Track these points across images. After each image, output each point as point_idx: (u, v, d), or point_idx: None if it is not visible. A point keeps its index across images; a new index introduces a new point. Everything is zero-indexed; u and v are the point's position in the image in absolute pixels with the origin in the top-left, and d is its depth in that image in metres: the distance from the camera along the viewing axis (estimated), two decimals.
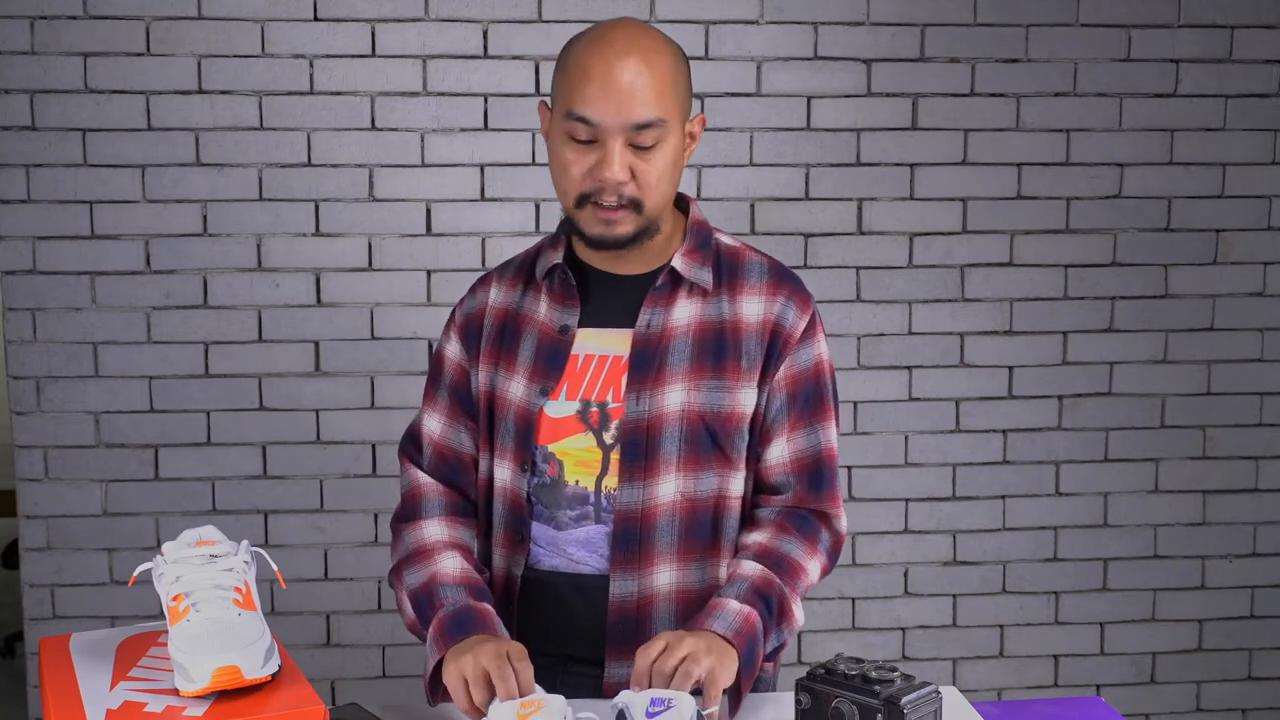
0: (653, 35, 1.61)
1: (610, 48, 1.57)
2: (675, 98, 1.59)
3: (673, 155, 1.61)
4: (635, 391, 1.64)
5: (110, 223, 2.91)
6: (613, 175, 1.56)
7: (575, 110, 1.57)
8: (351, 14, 2.91)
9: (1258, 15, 3.09)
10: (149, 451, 2.97)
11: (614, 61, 1.56)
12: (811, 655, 3.13)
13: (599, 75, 1.56)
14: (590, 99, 1.56)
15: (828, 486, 1.71)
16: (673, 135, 1.60)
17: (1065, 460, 3.18)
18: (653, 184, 1.59)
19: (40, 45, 2.85)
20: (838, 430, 1.73)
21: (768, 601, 1.59)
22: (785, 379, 1.68)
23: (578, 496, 1.66)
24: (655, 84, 1.56)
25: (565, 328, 1.67)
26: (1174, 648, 3.26)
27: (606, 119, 1.55)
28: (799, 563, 1.66)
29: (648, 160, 1.58)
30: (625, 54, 1.56)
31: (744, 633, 1.54)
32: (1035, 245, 3.11)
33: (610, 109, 1.55)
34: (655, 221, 1.64)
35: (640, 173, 1.58)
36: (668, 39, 1.63)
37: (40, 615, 2.98)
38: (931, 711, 1.40)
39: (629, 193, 1.58)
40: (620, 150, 1.56)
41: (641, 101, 1.55)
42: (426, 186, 2.96)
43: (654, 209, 1.62)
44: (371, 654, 3.06)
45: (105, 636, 1.47)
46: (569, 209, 1.63)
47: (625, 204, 1.59)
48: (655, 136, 1.57)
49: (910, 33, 3.02)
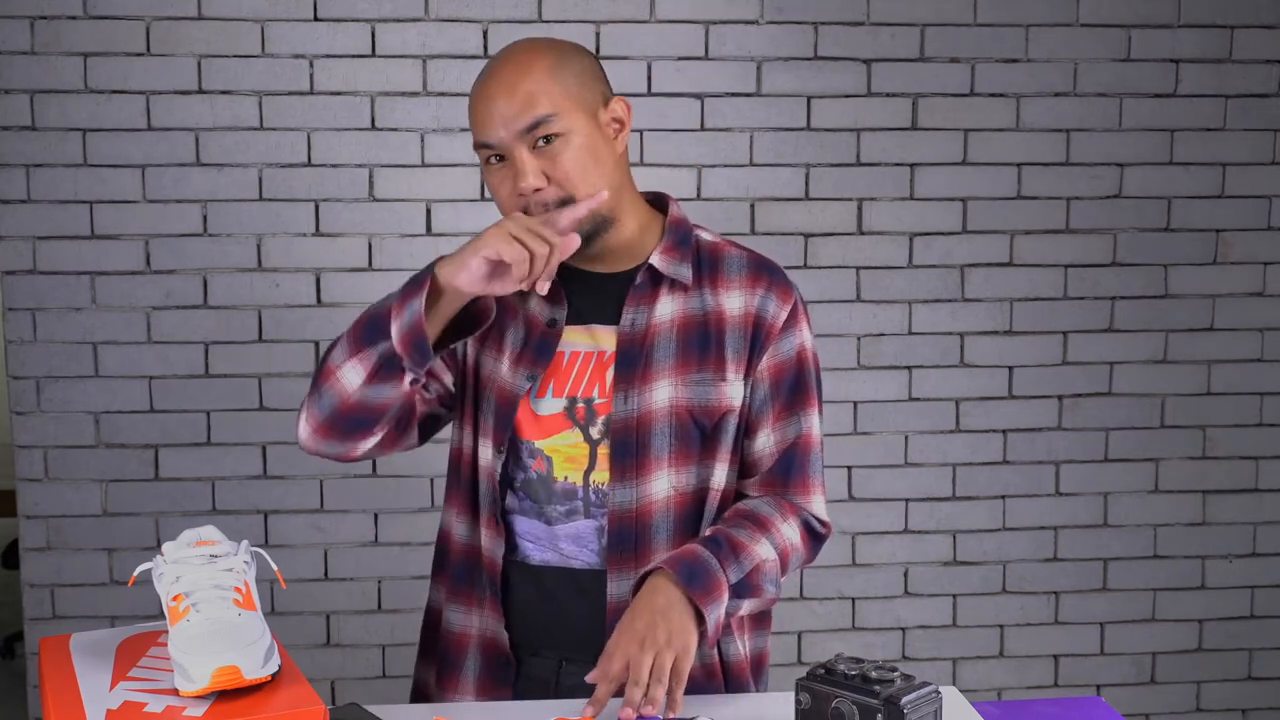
0: (531, 46, 1.63)
1: (486, 72, 1.62)
2: (563, 89, 1.60)
3: (585, 145, 1.60)
4: (623, 390, 1.64)
5: (110, 223, 2.91)
6: (526, 184, 1.59)
7: (476, 139, 1.62)
8: (351, 14, 2.91)
9: (1258, 15, 3.09)
10: (149, 451, 2.97)
11: (488, 81, 1.61)
12: (811, 655, 3.13)
13: (480, 99, 1.61)
14: (479, 123, 1.60)
15: (797, 472, 1.70)
16: (575, 126, 1.60)
17: (1065, 460, 3.18)
18: (574, 176, 1.59)
19: (40, 45, 2.85)
20: (820, 418, 1.73)
21: (711, 540, 1.60)
22: (768, 369, 1.69)
23: (567, 492, 1.66)
24: (532, 85, 1.58)
25: (554, 321, 1.68)
26: (1174, 648, 3.26)
27: (496, 135, 1.59)
28: (761, 515, 1.66)
29: (555, 157, 1.59)
30: (496, 71, 1.61)
31: (677, 558, 1.56)
32: (1035, 245, 3.11)
33: (495, 123, 1.58)
34: (603, 215, 1.63)
35: (553, 171, 1.59)
36: (553, 42, 1.65)
37: (40, 615, 2.98)
38: (931, 711, 1.40)
39: (552, 195, 1.59)
40: (526, 158, 1.58)
41: (520, 105, 1.57)
42: (426, 186, 2.96)
43: (586, 197, 1.61)
44: (371, 654, 3.06)
45: (105, 636, 1.47)
46: None
47: (556, 206, 1.60)
48: (551, 131, 1.58)
49: (910, 33, 3.02)
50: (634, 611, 1.52)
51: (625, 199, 1.67)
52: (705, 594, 1.54)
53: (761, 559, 1.61)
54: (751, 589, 1.61)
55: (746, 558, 1.60)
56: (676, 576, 1.53)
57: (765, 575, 1.62)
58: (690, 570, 1.54)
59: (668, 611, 1.51)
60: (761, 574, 1.61)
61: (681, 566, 1.54)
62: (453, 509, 1.75)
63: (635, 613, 1.52)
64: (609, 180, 1.63)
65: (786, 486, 1.69)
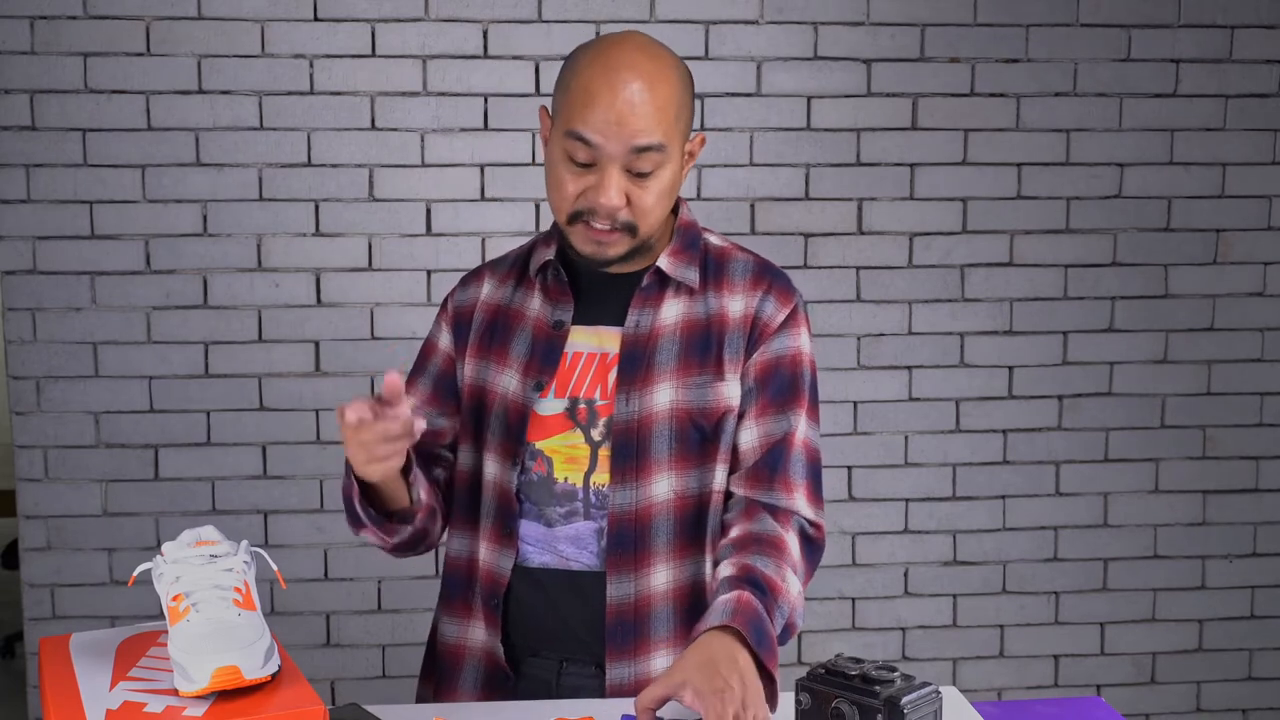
0: (658, 56, 1.59)
1: (615, 70, 1.55)
2: (677, 122, 1.59)
3: (671, 180, 1.60)
4: (625, 392, 1.64)
5: (110, 223, 2.91)
6: (609, 202, 1.56)
7: (575, 130, 1.56)
8: (351, 14, 2.91)
9: (1258, 15, 3.09)
10: (149, 451, 2.97)
11: (618, 85, 1.54)
12: (811, 655, 3.13)
13: (603, 99, 1.54)
14: (591, 122, 1.54)
15: (780, 469, 1.65)
16: (672, 160, 1.59)
17: (1065, 460, 3.18)
18: (648, 209, 1.59)
19: (40, 45, 2.85)
20: (813, 427, 1.69)
21: (752, 583, 1.55)
22: (757, 364, 1.67)
23: (567, 493, 1.66)
24: (657, 109, 1.55)
25: (559, 323, 1.68)
26: (1174, 648, 3.26)
27: (607, 143, 1.55)
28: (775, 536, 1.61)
29: (644, 186, 1.58)
30: (630, 78, 1.55)
31: (746, 619, 1.50)
32: (1035, 245, 3.11)
33: (610, 133, 1.54)
34: (648, 241, 1.64)
35: (636, 199, 1.58)
36: (673, 58, 1.62)
37: (40, 615, 2.98)
38: (931, 711, 1.40)
39: (624, 218, 1.58)
40: (617, 176, 1.56)
41: (642, 127, 1.54)
42: (426, 186, 2.96)
43: (648, 232, 1.62)
44: (371, 654, 3.06)
45: (105, 636, 1.47)
46: (561, 223, 1.63)
47: (619, 228, 1.59)
48: (654, 161, 1.57)
49: (910, 33, 3.02)
50: (714, 660, 1.44)
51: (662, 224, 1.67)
52: (770, 654, 1.49)
53: (793, 596, 1.58)
54: (788, 631, 1.59)
55: (784, 600, 1.56)
56: (750, 640, 1.47)
57: (797, 611, 1.60)
58: (759, 633, 1.49)
59: (747, 675, 1.43)
60: (796, 612, 1.60)
61: (751, 629, 1.48)
62: (449, 526, 1.75)
63: (716, 660, 1.43)
64: (669, 210, 1.65)
65: (771, 482, 1.65)
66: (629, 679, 1.63)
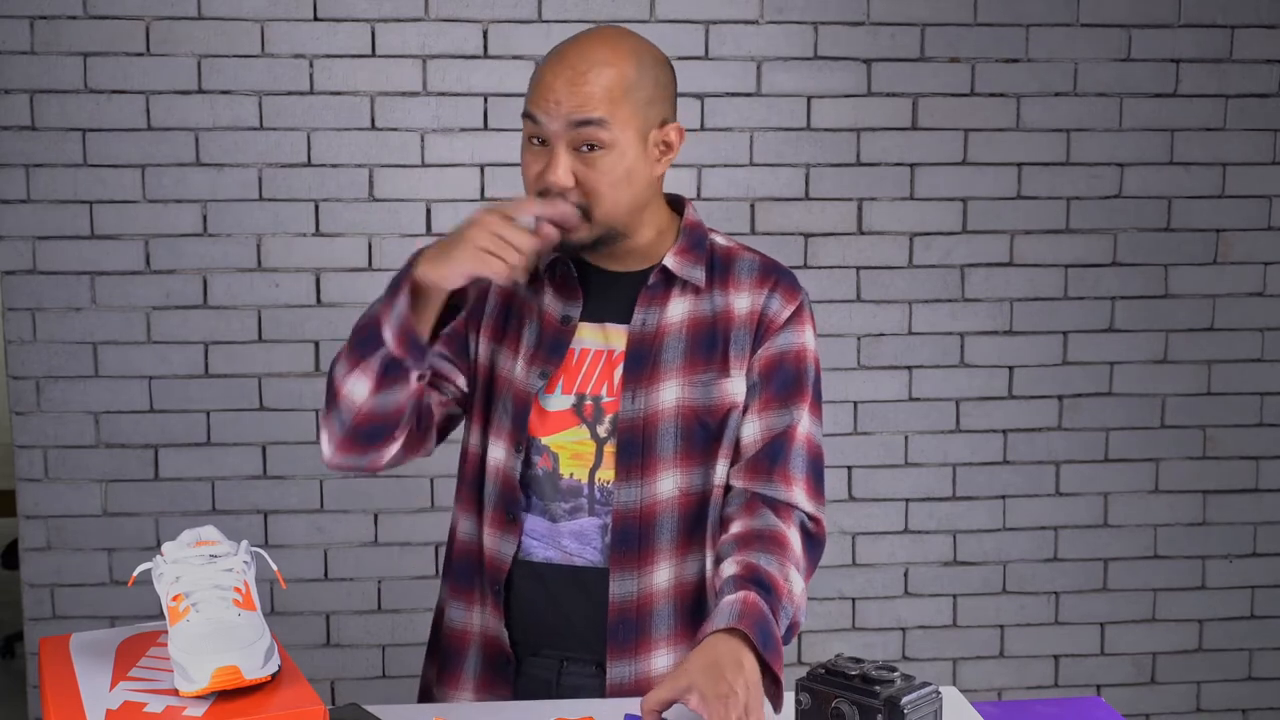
0: (617, 45, 1.61)
1: (565, 55, 1.60)
2: (628, 102, 1.58)
3: (627, 164, 1.59)
4: (631, 389, 1.65)
5: (110, 223, 2.91)
6: (555, 179, 1.58)
7: (526, 108, 1.61)
8: (351, 14, 2.91)
9: (1258, 15, 3.09)
10: (149, 451, 2.97)
11: (562, 66, 1.59)
12: (811, 655, 3.13)
13: (547, 78, 1.59)
14: (536, 100, 1.59)
15: (781, 461, 1.65)
16: (624, 141, 1.59)
17: (1065, 460, 3.18)
18: (602, 192, 1.59)
19: (40, 45, 2.85)
20: (816, 423, 1.70)
21: (758, 583, 1.55)
22: (762, 360, 1.68)
23: (572, 489, 1.66)
24: (602, 87, 1.57)
25: (567, 318, 1.68)
26: (1174, 648, 3.26)
27: (548, 120, 1.58)
28: (777, 533, 1.61)
29: (593, 166, 1.58)
30: (575, 60, 1.59)
31: (752, 620, 1.50)
32: (1035, 245, 3.11)
33: (550, 109, 1.57)
34: (615, 230, 1.63)
35: (584, 177, 1.58)
36: (639, 48, 1.63)
37: (40, 615, 2.98)
38: (931, 711, 1.40)
39: (574, 198, 1.59)
40: (563, 153, 1.58)
41: (580, 102, 1.56)
42: (426, 186, 2.96)
43: (606, 217, 1.61)
44: (371, 654, 3.06)
45: (105, 636, 1.47)
46: None
47: None
48: (597, 138, 1.57)
49: (910, 33, 3.02)
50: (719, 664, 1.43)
51: (646, 213, 1.67)
52: (776, 656, 1.49)
53: (796, 595, 1.59)
54: (792, 630, 1.59)
55: (788, 599, 1.57)
56: (756, 643, 1.47)
57: (801, 610, 1.61)
58: (765, 636, 1.49)
59: (751, 680, 1.44)
60: (799, 611, 1.60)
61: (757, 632, 1.48)
62: (459, 507, 1.75)
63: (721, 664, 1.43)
64: (637, 199, 1.63)
65: (771, 474, 1.65)
66: (629, 678, 1.64)
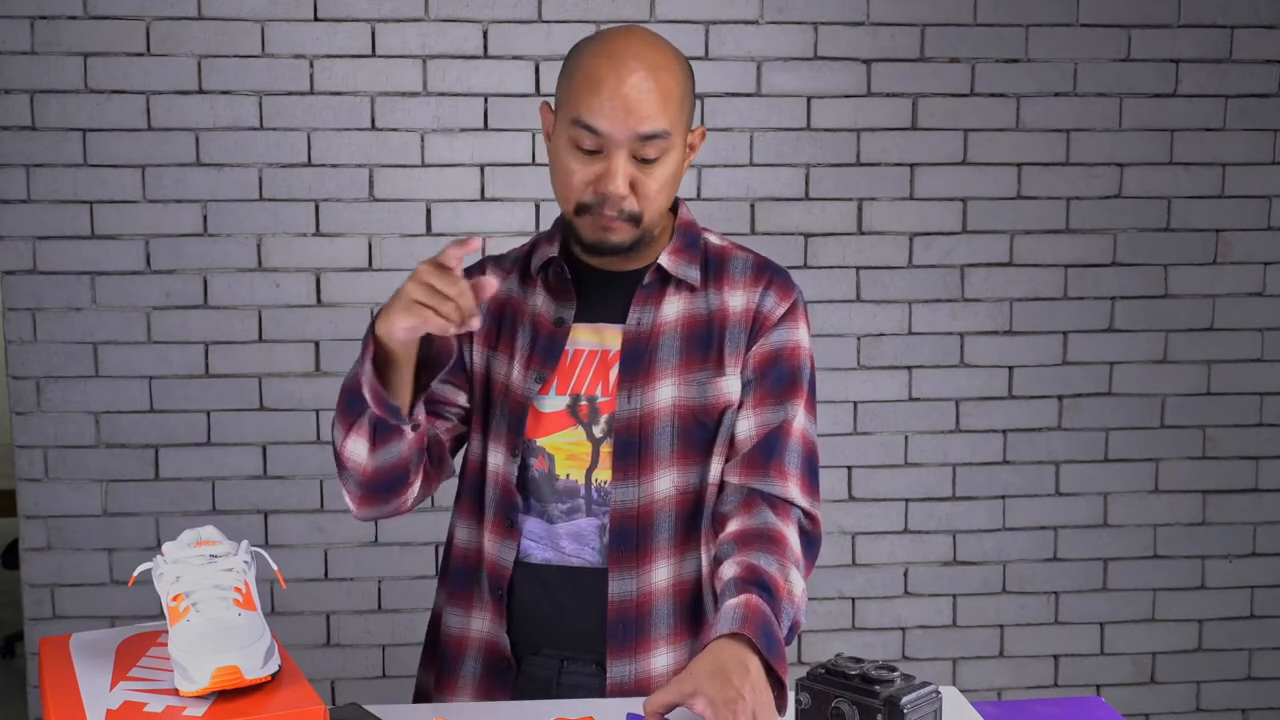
0: (661, 47, 1.62)
1: (620, 58, 1.58)
2: (680, 111, 1.61)
3: (674, 168, 1.62)
4: (627, 389, 1.65)
5: (110, 223, 2.91)
6: (615, 189, 1.58)
7: (582, 118, 1.57)
8: (351, 14, 2.91)
9: (1258, 15, 3.09)
10: (149, 451, 2.97)
11: (624, 73, 1.57)
12: (811, 655, 3.13)
13: (608, 86, 1.56)
14: (598, 109, 1.56)
15: (776, 456, 1.65)
16: (675, 148, 1.61)
17: (1065, 460, 3.18)
18: (651, 196, 1.61)
19: (40, 45, 2.85)
20: (810, 420, 1.70)
21: (760, 585, 1.54)
22: (756, 356, 1.68)
23: (568, 490, 1.66)
24: (662, 97, 1.57)
25: (561, 320, 1.69)
26: (1174, 648, 3.26)
27: (613, 130, 1.56)
28: (775, 532, 1.61)
29: (649, 173, 1.59)
30: (635, 66, 1.57)
31: (756, 625, 1.49)
32: (1035, 245, 3.11)
33: (618, 120, 1.56)
34: (651, 230, 1.65)
35: (641, 186, 1.59)
36: (674, 51, 1.64)
37: (40, 615, 2.98)
38: (931, 711, 1.40)
39: (629, 207, 1.60)
40: (624, 163, 1.58)
41: (648, 114, 1.56)
42: (426, 186, 2.96)
43: (651, 221, 1.64)
44: (371, 654, 3.06)
45: (105, 636, 1.47)
46: (568, 214, 1.65)
47: (624, 217, 1.61)
48: (659, 149, 1.59)
49: (910, 33, 3.02)
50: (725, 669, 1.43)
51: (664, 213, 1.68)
52: (780, 660, 1.48)
53: (797, 595, 1.58)
54: (793, 630, 1.59)
55: (790, 600, 1.56)
56: (760, 647, 1.46)
57: (801, 610, 1.60)
58: (768, 639, 1.48)
59: (758, 685, 1.43)
60: (800, 611, 1.60)
61: (761, 635, 1.47)
62: (459, 514, 1.75)
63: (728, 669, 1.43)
64: (669, 201, 1.65)
65: (766, 469, 1.64)
66: (629, 677, 1.64)
